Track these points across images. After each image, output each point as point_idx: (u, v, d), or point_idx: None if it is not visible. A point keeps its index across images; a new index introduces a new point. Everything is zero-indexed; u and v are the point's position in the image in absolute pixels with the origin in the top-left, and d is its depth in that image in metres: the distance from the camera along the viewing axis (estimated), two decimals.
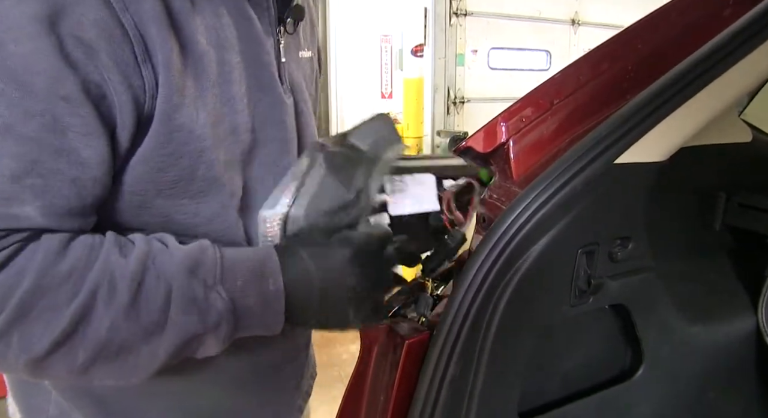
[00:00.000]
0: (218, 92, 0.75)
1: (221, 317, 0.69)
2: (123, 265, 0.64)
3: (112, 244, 0.66)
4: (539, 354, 0.88)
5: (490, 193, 0.88)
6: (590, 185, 0.77)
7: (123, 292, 0.63)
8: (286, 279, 0.73)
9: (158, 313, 0.65)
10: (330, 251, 0.76)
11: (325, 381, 3.55)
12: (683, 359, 1.04)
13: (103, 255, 0.64)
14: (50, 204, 0.62)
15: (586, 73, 0.88)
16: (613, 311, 0.97)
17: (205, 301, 0.68)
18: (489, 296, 0.77)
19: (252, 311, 0.71)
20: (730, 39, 0.79)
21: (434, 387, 0.79)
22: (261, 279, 0.72)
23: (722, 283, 1.15)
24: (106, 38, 0.63)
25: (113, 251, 0.65)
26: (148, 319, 0.65)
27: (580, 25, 6.45)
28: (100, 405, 0.82)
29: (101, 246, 0.65)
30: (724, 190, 1.10)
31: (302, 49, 0.96)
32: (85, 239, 0.65)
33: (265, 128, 0.82)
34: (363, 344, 0.93)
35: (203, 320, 0.68)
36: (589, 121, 0.85)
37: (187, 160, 0.72)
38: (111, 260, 0.64)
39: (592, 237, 0.83)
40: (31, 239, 0.61)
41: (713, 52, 0.79)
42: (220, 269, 0.70)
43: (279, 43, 0.85)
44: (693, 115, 0.83)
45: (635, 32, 0.91)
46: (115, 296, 0.63)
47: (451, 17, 5.48)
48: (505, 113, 0.87)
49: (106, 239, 0.66)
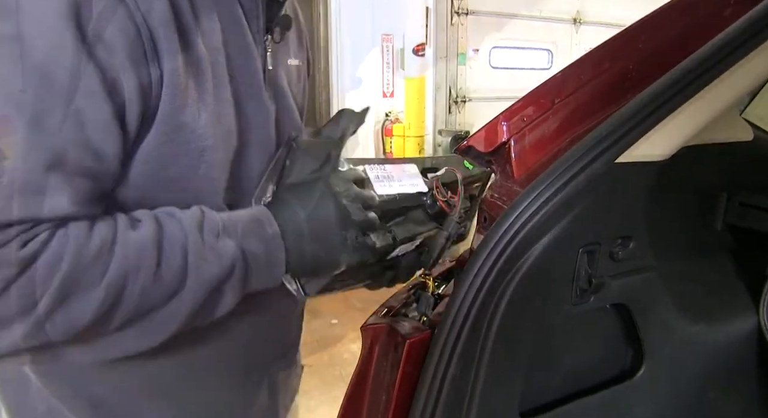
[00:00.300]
0: (215, 94, 0.78)
1: (233, 261, 0.74)
2: (140, 235, 0.69)
3: (125, 221, 0.70)
4: (540, 354, 0.88)
5: (491, 192, 0.88)
6: (591, 184, 0.77)
7: (146, 259, 0.67)
8: (280, 221, 0.80)
9: (179, 269, 0.70)
10: (311, 189, 0.83)
11: (326, 381, 3.58)
12: (684, 358, 1.04)
13: (121, 231, 0.68)
14: (77, 193, 0.65)
15: (587, 73, 0.88)
16: (614, 311, 0.97)
17: (216, 248, 0.73)
18: (490, 295, 0.78)
19: (257, 255, 0.77)
20: (730, 39, 0.79)
21: (435, 386, 0.79)
22: (258, 226, 0.78)
23: (723, 282, 1.15)
24: (122, 36, 0.65)
25: (128, 226, 0.69)
26: (172, 277, 0.69)
27: (581, 23, 6.45)
28: (95, 407, 0.84)
29: (117, 224, 0.69)
30: (725, 189, 1.10)
31: (290, 58, 1.00)
32: (103, 220, 0.68)
33: (251, 131, 0.85)
34: (365, 344, 0.94)
35: (219, 265, 0.72)
36: (590, 121, 0.85)
37: (189, 159, 0.75)
38: (129, 234, 0.68)
39: (593, 236, 0.83)
40: (58, 226, 0.64)
41: (714, 51, 0.79)
42: (222, 222, 0.75)
43: (267, 50, 0.89)
44: (694, 114, 0.83)
45: (636, 31, 0.91)
46: (141, 264, 0.67)
47: (453, 16, 5.48)
48: (506, 112, 0.87)
49: (119, 218, 0.70)
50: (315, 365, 3.64)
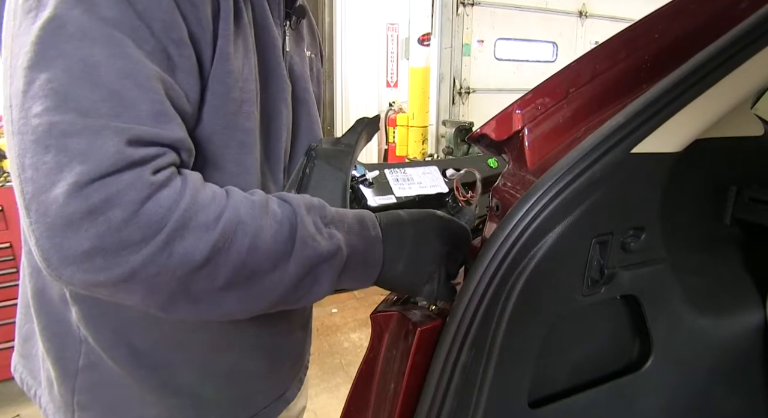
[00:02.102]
0: (246, 56, 0.84)
1: (338, 247, 0.77)
2: (252, 198, 0.73)
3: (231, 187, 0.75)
4: (550, 344, 0.88)
5: (504, 181, 0.88)
6: (607, 174, 0.77)
7: (257, 218, 0.70)
8: (383, 226, 0.85)
9: (285, 239, 0.73)
10: (423, 215, 0.89)
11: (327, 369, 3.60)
12: (692, 351, 1.04)
13: (233, 189, 0.73)
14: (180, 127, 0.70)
15: (602, 63, 0.88)
16: (624, 302, 0.97)
17: (322, 232, 0.77)
18: (502, 285, 0.77)
19: (358, 250, 0.80)
20: (746, 32, 0.78)
21: (446, 374, 0.79)
22: (362, 225, 0.83)
23: (732, 276, 1.15)
24: None
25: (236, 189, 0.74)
26: (278, 244, 0.72)
27: (587, 17, 6.43)
28: (134, 355, 0.88)
29: (228, 186, 0.74)
30: (735, 183, 1.09)
31: (305, 48, 1.09)
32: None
33: (272, 102, 0.92)
34: (374, 332, 0.94)
35: (323, 248, 0.76)
36: (604, 111, 0.85)
37: (231, 106, 0.80)
38: (239, 193, 0.73)
39: (607, 227, 0.83)
40: (178, 171, 0.69)
41: (730, 44, 0.78)
42: (330, 214, 0.80)
43: (285, 34, 0.97)
44: (710, 106, 0.83)
45: (653, 22, 0.90)
46: (251, 222, 0.70)
47: (458, 7, 5.46)
48: (521, 101, 0.86)
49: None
50: (315, 353, 3.66)
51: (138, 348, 0.88)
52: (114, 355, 0.87)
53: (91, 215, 0.59)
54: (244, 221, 0.69)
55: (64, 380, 0.90)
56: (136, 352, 0.88)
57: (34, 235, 0.60)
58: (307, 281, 0.75)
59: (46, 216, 0.59)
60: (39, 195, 0.59)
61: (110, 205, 0.59)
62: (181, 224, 0.64)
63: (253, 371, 1.00)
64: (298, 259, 0.73)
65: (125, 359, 0.88)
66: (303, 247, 0.73)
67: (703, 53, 0.79)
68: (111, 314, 0.85)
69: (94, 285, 0.62)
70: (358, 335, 3.98)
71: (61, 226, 0.59)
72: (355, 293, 4.53)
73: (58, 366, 0.90)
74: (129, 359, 0.88)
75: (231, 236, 0.67)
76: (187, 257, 0.64)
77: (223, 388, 0.97)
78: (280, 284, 0.72)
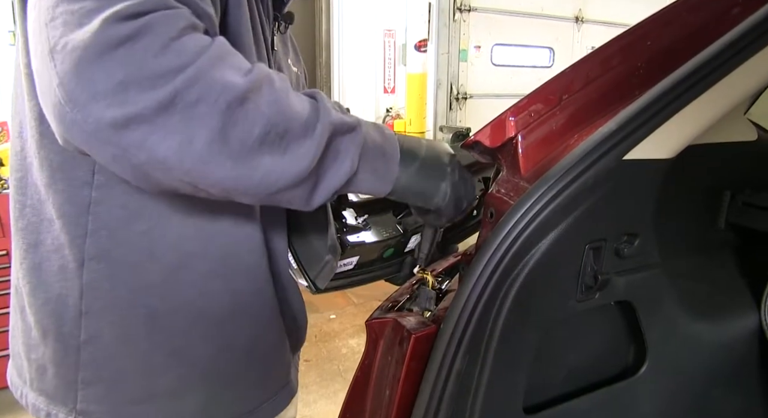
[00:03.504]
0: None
1: (357, 123, 0.79)
2: (273, 71, 0.72)
3: None
4: (545, 350, 0.88)
5: (498, 187, 0.88)
6: (600, 180, 0.77)
7: (278, 81, 0.70)
8: (399, 136, 0.87)
9: (312, 105, 0.73)
10: (437, 144, 0.93)
11: (325, 375, 3.58)
12: (687, 356, 1.05)
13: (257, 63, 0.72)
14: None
15: (595, 70, 0.88)
16: (618, 308, 0.97)
17: (343, 109, 0.80)
18: (496, 291, 0.78)
19: (375, 140, 0.81)
20: (737, 38, 0.79)
21: (440, 381, 0.80)
22: (378, 126, 0.85)
23: (726, 281, 1.15)
24: None
25: None
26: (305, 107, 0.72)
27: (584, 22, 6.45)
28: (152, 317, 0.86)
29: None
30: (728, 188, 1.10)
31: (291, 63, 1.11)
32: None
33: None
34: (369, 338, 0.94)
35: (348, 118, 0.77)
36: (597, 117, 0.85)
37: None
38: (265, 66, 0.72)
39: (600, 233, 0.83)
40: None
41: (722, 50, 0.79)
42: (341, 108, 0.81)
43: (273, 34, 0.98)
44: (702, 112, 0.83)
45: (645, 29, 0.90)
46: (279, 83, 0.70)
47: (455, 13, 5.48)
48: (514, 108, 0.87)
49: None
50: (313, 359, 3.65)
51: (157, 310, 0.85)
52: (129, 319, 0.85)
53: (127, 40, 0.58)
54: (273, 79, 0.69)
55: (65, 359, 0.87)
56: (155, 314, 0.85)
57: (58, 76, 0.58)
58: (331, 152, 0.75)
59: (76, 50, 0.58)
60: (69, 33, 0.58)
61: (147, 33, 0.59)
62: (218, 56, 0.63)
63: (270, 348, 0.99)
64: (323, 124, 0.72)
65: (142, 321, 0.85)
66: (327, 114, 0.73)
67: (695, 59, 0.80)
68: (131, 272, 0.83)
69: (124, 123, 0.59)
70: (356, 341, 3.98)
71: (93, 56, 0.57)
72: (354, 299, 4.53)
73: (58, 345, 0.87)
74: (146, 322, 0.85)
75: (262, 85, 0.67)
76: (227, 85, 0.63)
77: (242, 365, 0.95)
78: (308, 151, 0.71)
